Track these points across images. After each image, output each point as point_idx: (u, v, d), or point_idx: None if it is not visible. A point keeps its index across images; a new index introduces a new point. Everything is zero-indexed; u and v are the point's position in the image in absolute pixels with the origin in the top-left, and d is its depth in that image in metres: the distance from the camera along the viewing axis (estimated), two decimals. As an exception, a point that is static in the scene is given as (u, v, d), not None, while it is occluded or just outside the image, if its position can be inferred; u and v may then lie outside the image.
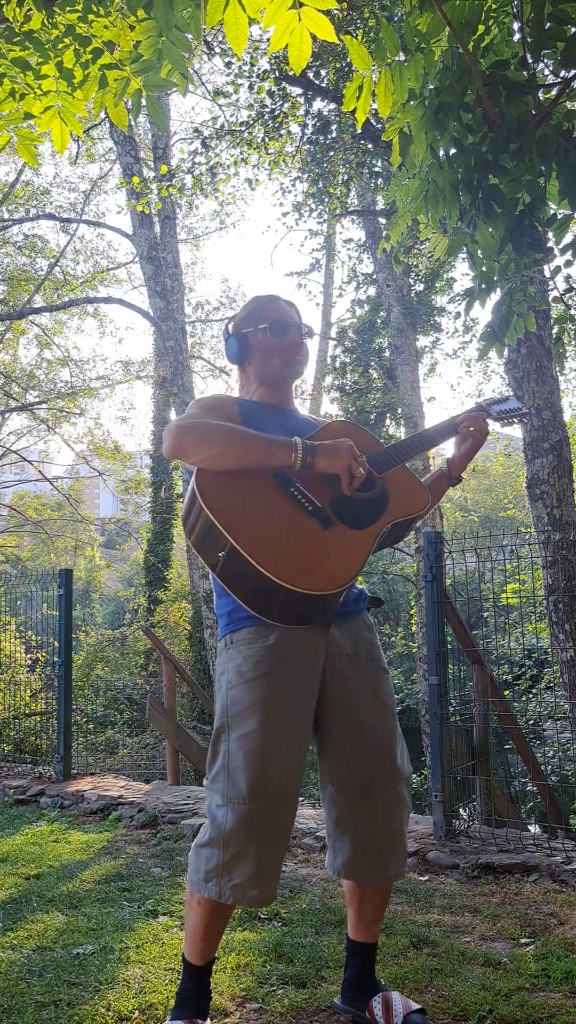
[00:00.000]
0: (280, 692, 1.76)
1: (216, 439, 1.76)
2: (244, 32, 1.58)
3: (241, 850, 1.72)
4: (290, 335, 2.03)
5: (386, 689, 1.93)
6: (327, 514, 1.78)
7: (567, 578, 5.58)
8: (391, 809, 1.86)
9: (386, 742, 1.87)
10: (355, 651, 1.89)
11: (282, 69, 6.79)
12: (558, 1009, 2.04)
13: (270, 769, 1.72)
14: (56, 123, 2.12)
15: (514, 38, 2.26)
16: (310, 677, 1.81)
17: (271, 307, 2.07)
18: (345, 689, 1.85)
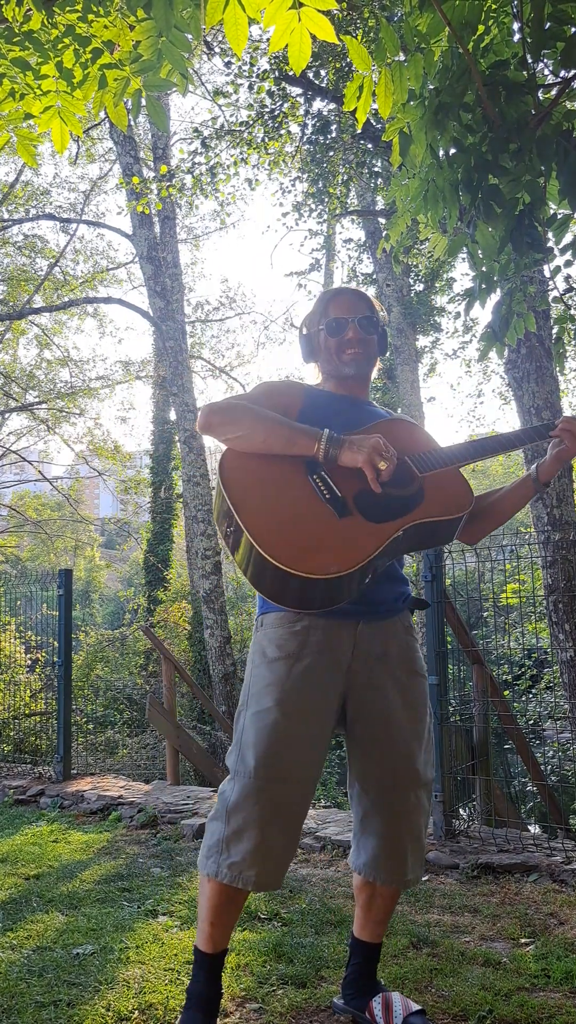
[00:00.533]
0: (300, 676, 1.77)
1: (243, 422, 1.82)
2: (244, 32, 1.58)
3: (242, 826, 1.71)
4: (347, 332, 2.01)
5: (417, 694, 1.90)
6: (346, 504, 1.76)
7: (567, 578, 5.58)
8: (411, 814, 1.85)
9: (409, 746, 1.85)
10: (385, 652, 1.86)
11: (282, 69, 6.79)
12: (558, 1009, 2.04)
13: (280, 748, 1.72)
14: (56, 123, 2.12)
15: (514, 38, 2.27)
16: (333, 669, 1.80)
17: (333, 304, 2.05)
18: (372, 689, 1.84)
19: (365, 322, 2.03)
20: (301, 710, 1.76)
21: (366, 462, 1.76)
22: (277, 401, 1.95)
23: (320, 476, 1.79)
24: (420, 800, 1.86)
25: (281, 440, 1.80)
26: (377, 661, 1.85)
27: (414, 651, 1.93)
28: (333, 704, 1.82)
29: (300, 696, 1.76)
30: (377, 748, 1.84)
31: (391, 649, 1.87)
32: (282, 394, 1.98)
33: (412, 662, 1.91)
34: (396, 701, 1.85)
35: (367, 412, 2.02)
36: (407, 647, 1.91)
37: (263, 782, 1.71)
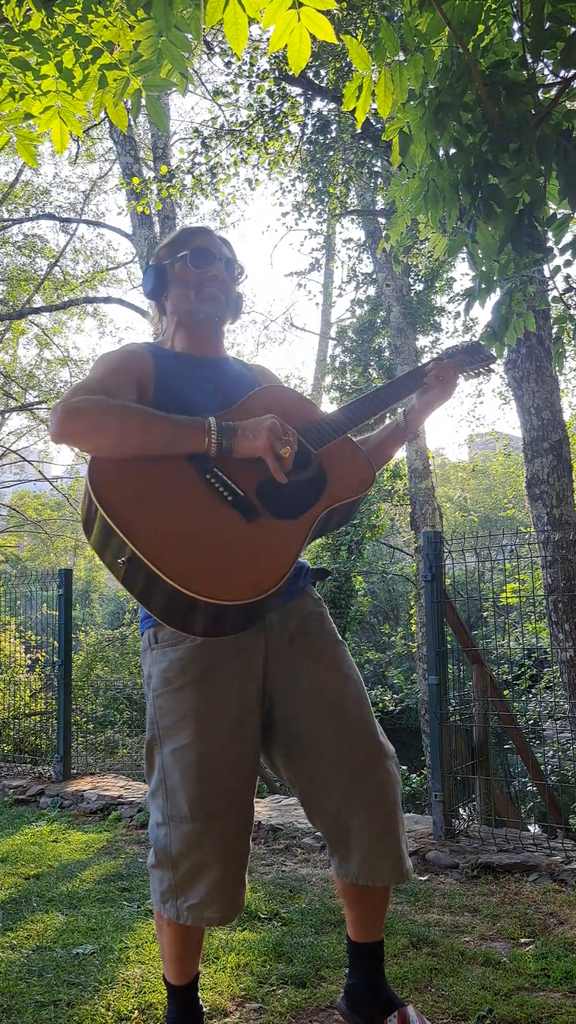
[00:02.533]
0: (214, 698, 1.57)
1: (110, 425, 1.51)
2: (244, 32, 1.58)
3: (192, 870, 1.57)
4: (213, 267, 1.80)
5: (347, 660, 1.71)
6: (251, 503, 1.55)
7: (567, 578, 5.58)
8: (389, 791, 1.64)
9: (363, 716, 1.66)
10: (302, 630, 1.68)
11: (282, 69, 6.79)
12: (558, 1009, 2.04)
13: (210, 784, 1.55)
14: (56, 123, 2.12)
15: (514, 38, 2.27)
16: (249, 674, 1.61)
17: (199, 237, 1.86)
18: (300, 671, 1.65)
19: (231, 265, 1.85)
20: (226, 736, 1.57)
21: (266, 450, 1.55)
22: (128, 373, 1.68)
23: (214, 474, 1.56)
24: (393, 773, 1.66)
25: (162, 439, 1.53)
26: (295, 641, 1.67)
27: (328, 620, 1.76)
28: (256, 715, 1.63)
29: (219, 721, 1.57)
30: (328, 732, 1.62)
31: (308, 624, 1.70)
32: (131, 369, 1.70)
33: (331, 631, 1.74)
34: (332, 674, 1.66)
35: (232, 374, 1.81)
36: (322, 617, 1.74)
37: (202, 823, 1.55)
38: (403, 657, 15.58)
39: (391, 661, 16.12)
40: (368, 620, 18.14)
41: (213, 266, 1.80)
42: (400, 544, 15.95)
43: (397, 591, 18.11)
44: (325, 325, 16.37)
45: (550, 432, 5.82)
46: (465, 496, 22.09)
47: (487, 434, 19.00)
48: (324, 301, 16.67)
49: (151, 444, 1.53)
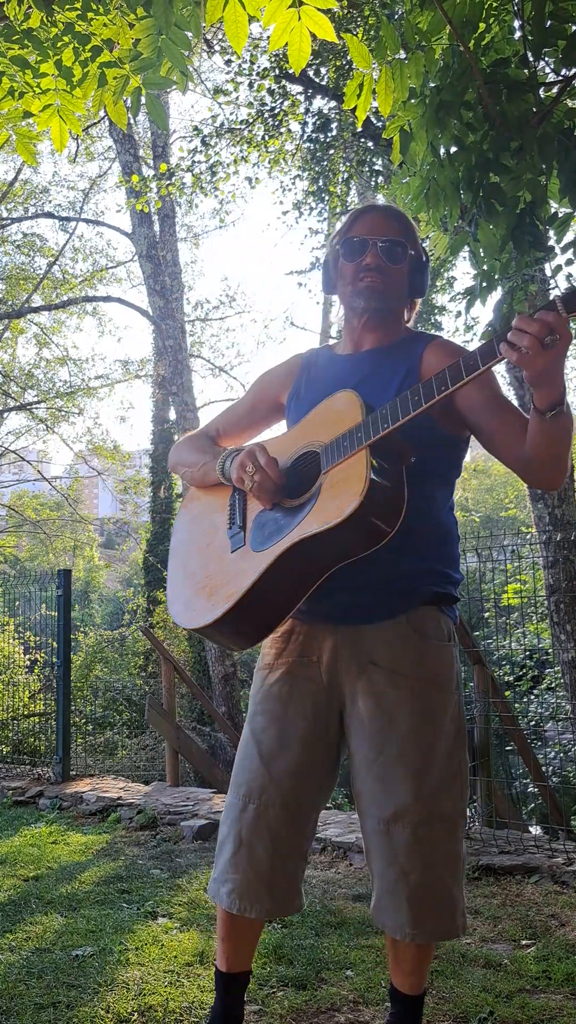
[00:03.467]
0: (272, 687, 1.61)
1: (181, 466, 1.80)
2: (244, 30, 1.57)
3: (221, 840, 1.63)
4: (366, 256, 1.63)
5: (428, 706, 1.54)
6: (242, 532, 1.59)
7: (568, 578, 5.57)
8: (415, 853, 1.50)
9: (410, 769, 1.51)
10: (375, 659, 1.55)
11: (282, 67, 6.78)
12: (559, 1011, 2.03)
13: (245, 765, 1.61)
14: (55, 121, 2.11)
15: (515, 36, 2.26)
16: (311, 679, 1.59)
17: (359, 221, 1.68)
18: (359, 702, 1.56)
19: (391, 246, 1.63)
20: (265, 727, 1.59)
21: (236, 480, 1.58)
22: (264, 393, 1.79)
23: (233, 500, 1.65)
24: (426, 836, 1.51)
25: (199, 475, 1.73)
26: (363, 672, 1.55)
27: (425, 658, 1.56)
28: (310, 722, 1.58)
29: (267, 711, 1.59)
30: (372, 772, 1.54)
31: (381, 658, 1.55)
32: (269, 382, 1.80)
33: (421, 672, 1.55)
34: (389, 716, 1.53)
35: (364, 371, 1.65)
36: (414, 654, 1.56)
37: (233, 799, 1.60)
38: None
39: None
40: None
41: (366, 255, 1.63)
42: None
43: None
44: (325, 324, 16.35)
45: (550, 432, 5.81)
46: (466, 496, 22.09)
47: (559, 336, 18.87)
48: (324, 300, 16.66)
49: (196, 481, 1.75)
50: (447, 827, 1.53)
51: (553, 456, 1.46)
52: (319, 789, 1.61)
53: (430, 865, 1.51)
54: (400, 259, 1.65)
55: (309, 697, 1.59)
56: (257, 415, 1.83)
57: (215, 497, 1.72)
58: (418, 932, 1.52)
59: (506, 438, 1.53)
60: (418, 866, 1.51)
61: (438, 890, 1.52)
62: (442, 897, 1.53)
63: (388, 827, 1.52)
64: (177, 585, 1.70)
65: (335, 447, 1.47)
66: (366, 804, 1.55)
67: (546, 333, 1.26)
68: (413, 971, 1.65)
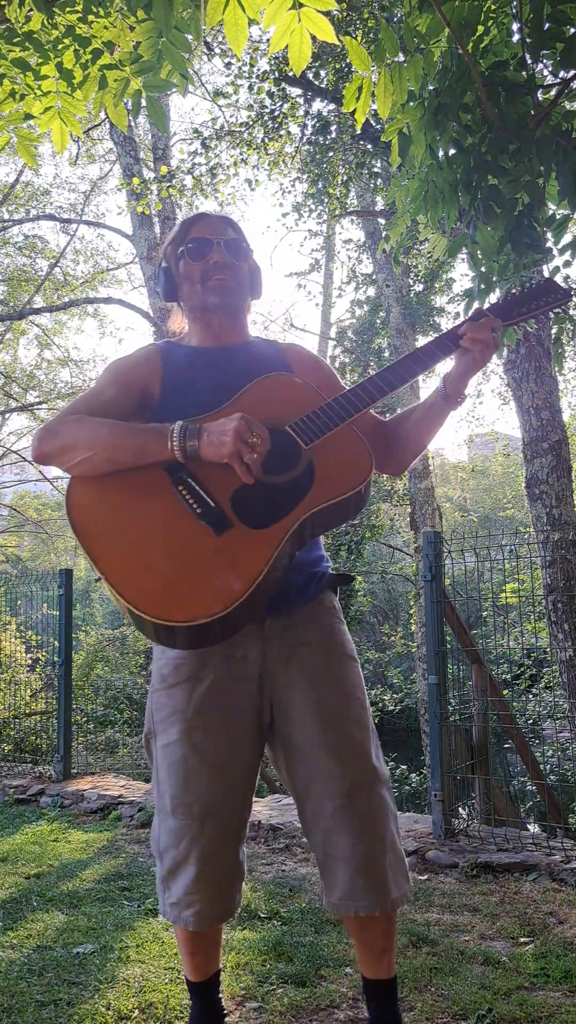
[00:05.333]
0: (202, 700, 1.56)
1: (79, 443, 1.54)
2: (244, 33, 1.58)
3: (172, 867, 1.58)
4: (212, 255, 1.70)
5: (352, 679, 1.62)
6: (222, 514, 1.48)
7: (566, 578, 5.58)
8: (378, 818, 1.55)
9: (358, 739, 1.57)
10: (302, 642, 1.60)
11: (282, 70, 6.79)
12: (557, 1008, 2.04)
13: (193, 785, 1.55)
14: (56, 123, 2.13)
15: (513, 39, 2.27)
16: (242, 680, 1.58)
17: (196, 226, 1.75)
18: (296, 684, 1.58)
19: (233, 245, 1.73)
20: (215, 736, 1.56)
21: (232, 456, 1.47)
22: (128, 382, 1.68)
23: (186, 484, 1.51)
24: (385, 799, 1.57)
25: (128, 451, 1.52)
26: (293, 655, 1.59)
27: (339, 633, 1.66)
28: (250, 721, 1.59)
29: (207, 724, 1.56)
30: (320, 751, 1.55)
31: (309, 638, 1.60)
32: (132, 372, 1.69)
33: (340, 645, 1.64)
34: (328, 692, 1.58)
35: (243, 362, 1.70)
36: (330, 631, 1.64)
37: (183, 820, 1.55)
38: (403, 657, 15.58)
39: (391, 661, 16.12)
40: (368, 620, 18.14)
41: (212, 252, 1.71)
42: (400, 544, 15.95)
43: (397, 591, 18.10)
44: (325, 326, 16.37)
45: (549, 432, 5.83)
46: (465, 496, 22.08)
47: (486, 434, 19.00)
48: (324, 302, 16.69)
49: (119, 459, 1.53)
50: (388, 788, 1.61)
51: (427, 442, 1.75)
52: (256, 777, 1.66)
53: (388, 829, 1.56)
54: (244, 257, 1.75)
55: (246, 696, 1.59)
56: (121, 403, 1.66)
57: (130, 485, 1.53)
58: (397, 896, 1.55)
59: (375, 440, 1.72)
60: (381, 832, 1.54)
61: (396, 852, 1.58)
62: (402, 857, 1.60)
63: (350, 800, 1.53)
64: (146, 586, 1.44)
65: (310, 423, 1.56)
66: (320, 785, 1.54)
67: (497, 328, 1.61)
68: (387, 946, 1.63)
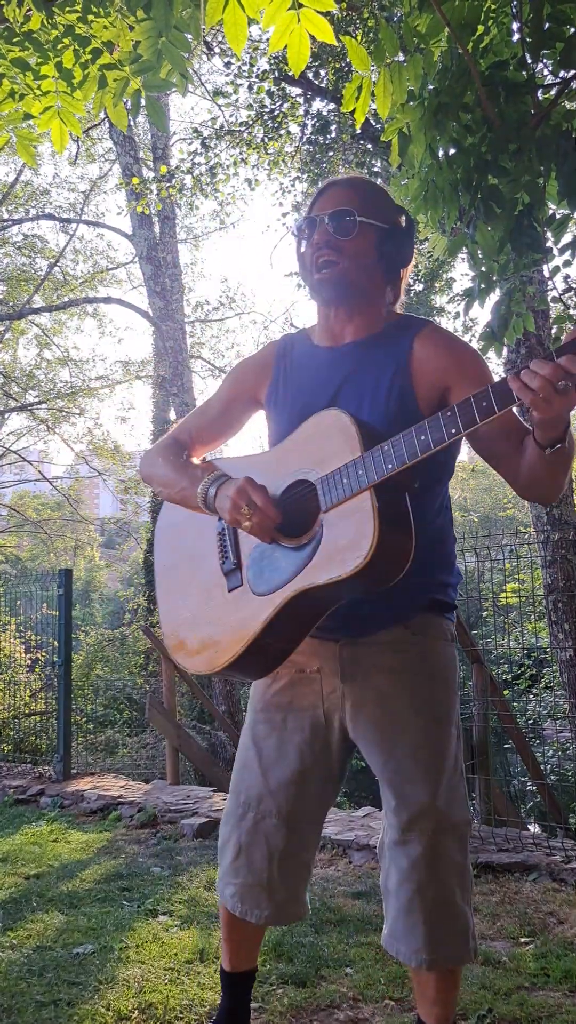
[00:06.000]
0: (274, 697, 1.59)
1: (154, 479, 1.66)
2: (243, 32, 1.58)
3: (221, 843, 1.64)
4: (316, 235, 1.49)
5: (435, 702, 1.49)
6: (237, 571, 1.50)
7: (566, 577, 5.58)
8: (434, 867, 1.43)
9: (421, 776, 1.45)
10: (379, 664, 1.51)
11: (281, 69, 6.79)
12: (557, 1008, 2.04)
13: (246, 773, 1.61)
14: (55, 123, 2.12)
15: (513, 38, 2.27)
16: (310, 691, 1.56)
17: (319, 201, 1.55)
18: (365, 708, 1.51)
19: (339, 216, 1.47)
20: (266, 738, 1.58)
21: (231, 519, 1.44)
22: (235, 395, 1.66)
23: (223, 532, 1.55)
24: (444, 849, 1.44)
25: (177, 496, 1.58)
26: (368, 679, 1.51)
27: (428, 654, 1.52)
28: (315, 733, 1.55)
29: (271, 720, 1.58)
30: (383, 776, 1.50)
31: (386, 662, 1.50)
32: (241, 381, 1.66)
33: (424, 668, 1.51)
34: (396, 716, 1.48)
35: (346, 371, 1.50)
36: (416, 652, 1.51)
37: (232, 804, 1.61)
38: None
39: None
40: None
41: (315, 235, 1.50)
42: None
43: (397, 591, 18.07)
44: (325, 325, 16.33)
45: (550, 432, 5.82)
46: (465, 496, 22.08)
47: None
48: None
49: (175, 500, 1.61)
50: (458, 838, 1.47)
51: (551, 482, 1.43)
52: (317, 803, 1.59)
53: (444, 880, 1.44)
54: (349, 230, 1.48)
55: (308, 710, 1.56)
56: (232, 415, 1.68)
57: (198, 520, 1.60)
58: (433, 958, 1.44)
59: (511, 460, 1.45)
60: (433, 881, 1.43)
61: (452, 908, 1.45)
62: (456, 916, 1.46)
63: (404, 836, 1.46)
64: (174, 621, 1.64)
65: (333, 483, 1.35)
66: (386, 816, 1.50)
67: (560, 377, 1.17)
68: (436, 1001, 1.53)
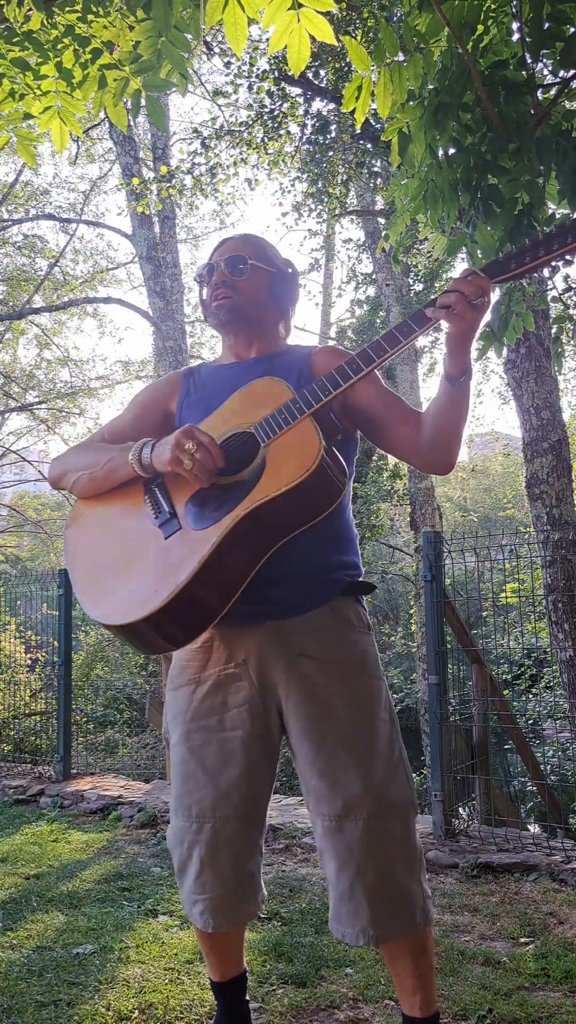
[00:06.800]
0: (203, 701, 1.58)
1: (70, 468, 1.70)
2: (243, 32, 1.58)
3: (179, 865, 1.62)
4: (214, 278, 1.72)
5: (359, 696, 1.54)
6: (171, 518, 1.53)
7: (566, 577, 5.58)
8: (373, 847, 1.47)
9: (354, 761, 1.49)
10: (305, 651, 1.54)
11: (281, 69, 6.78)
12: (557, 1008, 2.04)
13: (191, 786, 1.58)
14: (55, 123, 2.12)
15: (513, 38, 2.27)
16: (243, 683, 1.56)
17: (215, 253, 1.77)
18: (293, 696, 1.54)
19: (233, 261, 1.70)
20: (205, 744, 1.57)
21: (170, 461, 1.50)
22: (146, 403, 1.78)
23: (151, 492, 1.59)
24: (384, 831, 1.48)
25: (103, 473, 1.64)
26: (293, 666, 1.54)
27: (352, 646, 1.58)
28: (251, 727, 1.56)
29: (203, 727, 1.57)
30: (311, 770, 1.52)
31: (311, 649, 1.54)
32: (152, 394, 1.79)
33: (350, 659, 1.56)
34: (323, 709, 1.52)
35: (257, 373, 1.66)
36: (339, 642, 1.56)
37: (184, 821, 1.59)
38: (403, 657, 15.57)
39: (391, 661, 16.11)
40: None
41: (213, 278, 1.73)
42: (400, 544, 15.95)
43: (397, 591, 18.09)
44: (325, 325, 16.37)
45: (549, 432, 5.83)
46: (465, 496, 22.07)
47: (486, 434, 19.00)
48: (324, 301, 16.68)
49: (98, 477, 1.65)
50: (399, 817, 1.51)
51: (454, 432, 1.56)
52: (267, 788, 1.62)
53: (385, 862, 1.48)
54: (243, 272, 1.70)
55: (244, 703, 1.57)
56: (144, 423, 1.76)
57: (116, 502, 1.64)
58: (379, 933, 1.48)
59: (402, 427, 1.62)
60: (372, 864, 1.47)
61: (393, 888, 1.49)
62: (398, 894, 1.49)
63: (340, 823, 1.48)
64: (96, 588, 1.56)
65: (271, 421, 1.49)
66: (315, 804, 1.52)
67: (477, 294, 1.43)
68: (415, 988, 1.56)
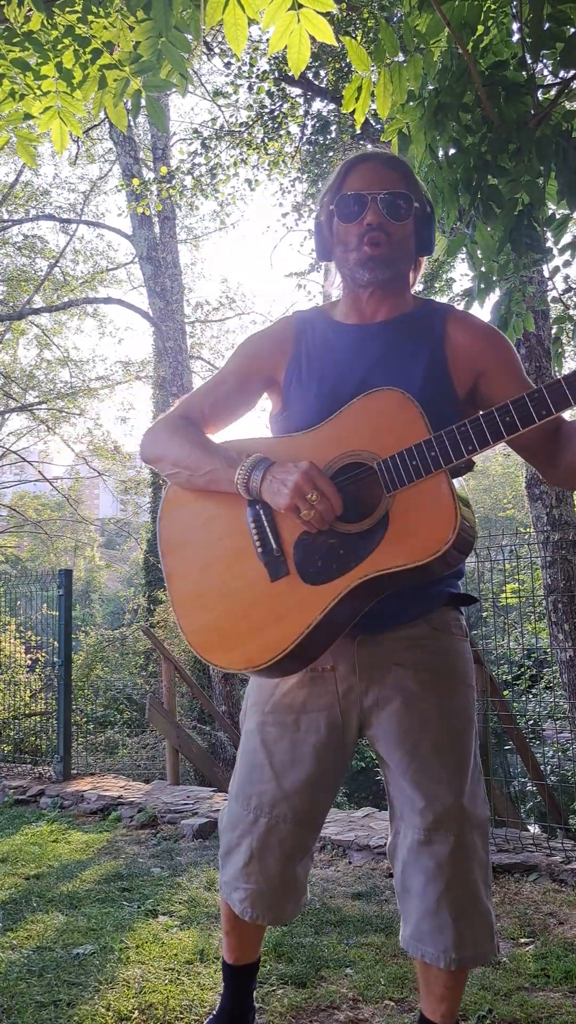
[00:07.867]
0: (284, 697, 1.53)
1: (167, 459, 1.54)
2: (243, 33, 1.58)
3: (227, 849, 1.60)
4: (366, 216, 1.43)
5: (456, 702, 1.48)
6: (280, 559, 1.40)
7: (566, 578, 5.58)
8: (461, 864, 1.42)
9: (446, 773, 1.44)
10: (400, 660, 1.48)
11: (281, 70, 6.79)
12: (557, 1009, 2.04)
13: (256, 778, 1.54)
14: (55, 123, 2.13)
15: (513, 39, 2.27)
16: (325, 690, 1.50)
17: (353, 174, 1.47)
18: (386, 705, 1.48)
19: (392, 200, 1.43)
20: (278, 740, 1.52)
21: (287, 508, 1.36)
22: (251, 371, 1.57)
23: (257, 519, 1.44)
24: (472, 845, 1.43)
25: (202, 478, 1.48)
26: (387, 675, 1.47)
27: (446, 654, 1.50)
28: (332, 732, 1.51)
29: (282, 722, 1.52)
30: (404, 781, 1.46)
31: (406, 658, 1.47)
32: (259, 357, 1.57)
33: (444, 669, 1.49)
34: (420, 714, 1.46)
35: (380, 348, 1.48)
36: (436, 650, 1.49)
37: (241, 810, 1.56)
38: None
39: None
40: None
41: (366, 213, 1.43)
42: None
43: (397, 591, 18.07)
44: (325, 325, 16.33)
45: (550, 432, 5.83)
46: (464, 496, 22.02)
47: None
48: (324, 301, 16.66)
49: (197, 483, 1.50)
50: (481, 834, 1.46)
51: None
52: (329, 800, 1.58)
53: (471, 878, 1.43)
54: (405, 215, 1.45)
55: (324, 711, 1.51)
56: (248, 391, 1.59)
57: (218, 505, 1.50)
58: (462, 957, 1.42)
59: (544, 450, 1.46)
60: (460, 880, 1.42)
61: (479, 907, 1.44)
62: (483, 914, 1.44)
63: (430, 836, 1.43)
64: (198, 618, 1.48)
65: (400, 466, 1.32)
66: (407, 817, 1.47)
67: None
68: (444, 997, 1.51)
